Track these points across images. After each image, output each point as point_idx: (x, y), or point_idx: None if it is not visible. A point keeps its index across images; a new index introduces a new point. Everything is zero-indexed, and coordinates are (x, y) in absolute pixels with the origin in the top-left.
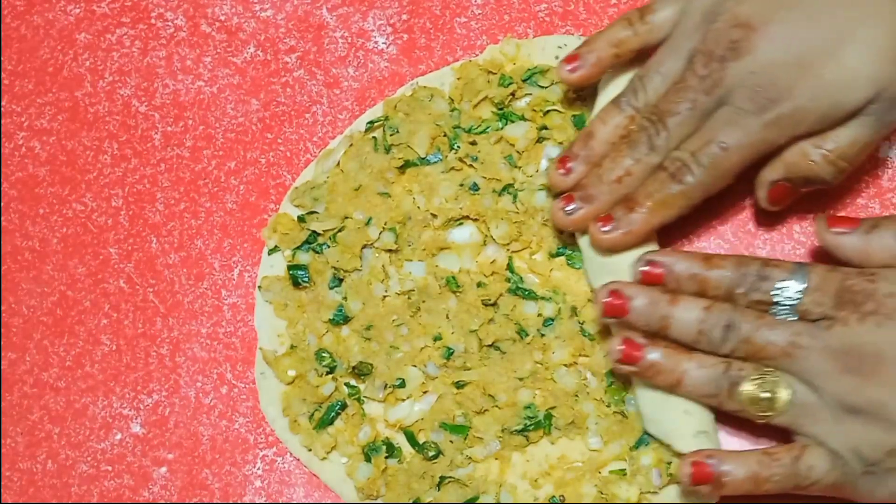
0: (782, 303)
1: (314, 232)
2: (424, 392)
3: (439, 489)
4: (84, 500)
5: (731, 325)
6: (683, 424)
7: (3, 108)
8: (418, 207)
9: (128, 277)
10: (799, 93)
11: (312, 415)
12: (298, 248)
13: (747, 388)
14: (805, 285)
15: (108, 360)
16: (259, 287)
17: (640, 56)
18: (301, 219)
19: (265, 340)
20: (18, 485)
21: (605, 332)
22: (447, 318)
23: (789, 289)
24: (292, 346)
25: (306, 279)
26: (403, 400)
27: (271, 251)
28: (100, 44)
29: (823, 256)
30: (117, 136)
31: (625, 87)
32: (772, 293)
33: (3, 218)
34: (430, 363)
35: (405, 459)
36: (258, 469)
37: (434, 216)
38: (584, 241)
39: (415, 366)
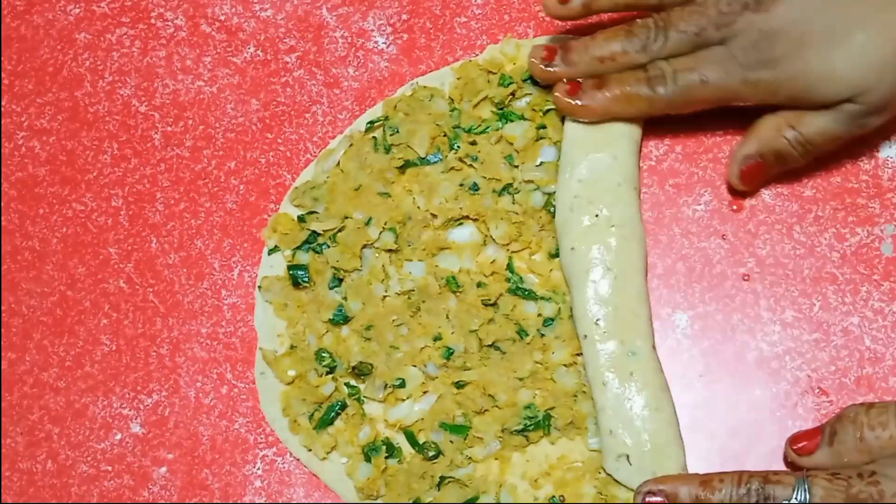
0: None
1: (314, 232)
2: (424, 392)
3: (439, 489)
4: (84, 500)
5: None
6: (608, 445)
7: (3, 108)
8: (418, 207)
9: (128, 277)
10: (783, 67)
11: (312, 415)
12: (298, 248)
13: None
14: (809, 500)
15: (108, 360)
16: (259, 287)
17: None
18: (301, 219)
19: (265, 340)
20: (18, 485)
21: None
22: (447, 318)
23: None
24: (292, 346)
25: (306, 279)
26: (403, 400)
27: (271, 251)
28: (100, 44)
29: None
30: (117, 136)
31: None
32: None
33: (3, 218)
34: (430, 363)
35: (405, 459)
36: (258, 469)
37: (434, 216)
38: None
39: (415, 366)
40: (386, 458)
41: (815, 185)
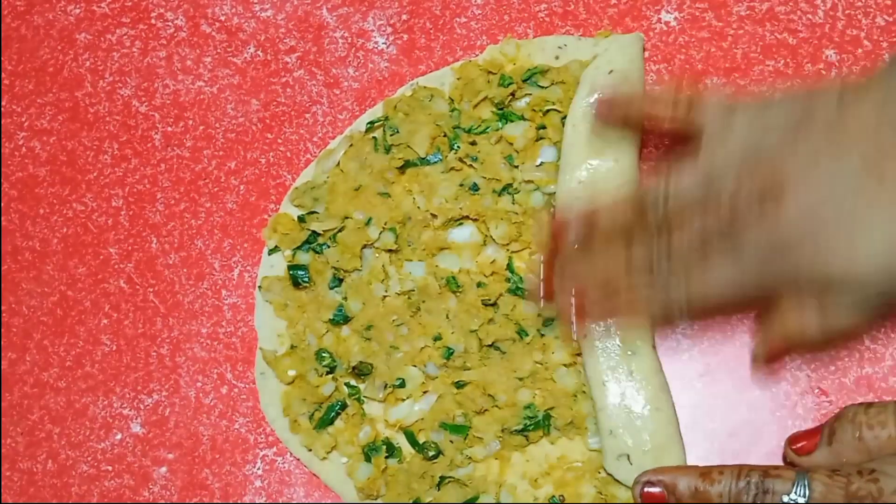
0: None
1: (314, 232)
2: (424, 392)
3: (439, 489)
4: (84, 500)
5: None
6: (608, 445)
7: (3, 108)
8: (418, 207)
9: (128, 277)
10: (803, 264)
11: (312, 415)
12: (298, 248)
13: None
14: (809, 499)
15: (108, 360)
16: (259, 287)
17: None
18: (301, 219)
19: (265, 340)
20: (18, 485)
21: None
22: (447, 318)
23: (796, 500)
24: (292, 346)
25: (306, 279)
26: (403, 400)
27: (271, 251)
28: (100, 44)
29: None
30: (117, 136)
31: (646, 191)
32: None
33: (3, 218)
34: (430, 363)
35: (405, 459)
36: (258, 469)
37: (434, 216)
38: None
39: (415, 366)
40: (386, 458)
41: None
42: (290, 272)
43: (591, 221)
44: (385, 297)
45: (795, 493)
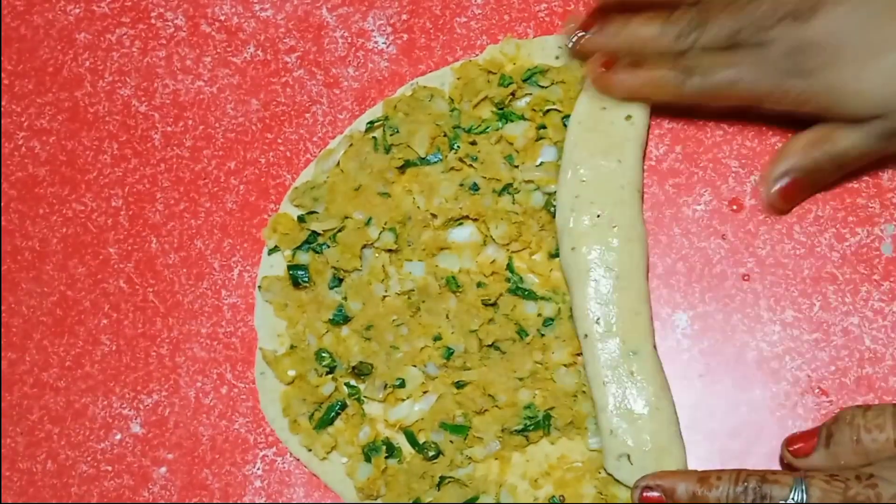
0: None
1: (314, 232)
2: (424, 392)
3: (439, 489)
4: (84, 500)
5: None
6: (609, 445)
7: (3, 108)
8: (418, 207)
9: (128, 277)
10: (816, 79)
11: (312, 415)
12: (298, 248)
13: None
14: (806, 502)
15: (108, 360)
16: (259, 287)
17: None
18: (301, 219)
19: (265, 340)
20: (18, 485)
21: None
22: (447, 318)
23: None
24: (292, 346)
25: (306, 279)
26: (403, 400)
27: (271, 251)
28: (100, 44)
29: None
30: (117, 136)
31: None
32: None
33: (3, 218)
34: (430, 363)
35: (405, 459)
36: (258, 469)
37: (434, 216)
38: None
39: (415, 366)
40: (386, 458)
41: None
42: (290, 272)
43: None
44: (385, 297)
45: (793, 497)
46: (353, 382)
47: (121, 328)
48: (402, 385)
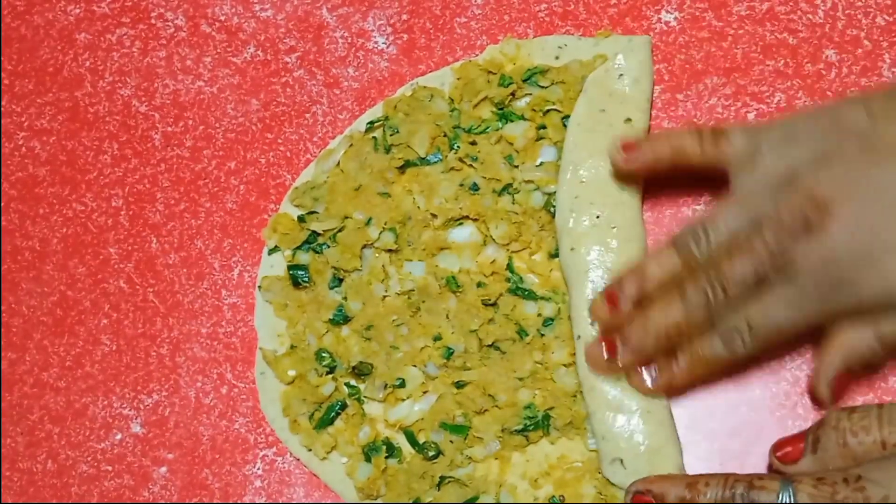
0: None
1: (314, 232)
2: (424, 392)
3: (439, 489)
4: (84, 500)
5: None
6: (602, 449)
7: (3, 108)
8: (418, 207)
9: (128, 277)
10: (863, 286)
11: (312, 415)
12: (298, 248)
13: None
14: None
15: (108, 360)
16: (259, 287)
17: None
18: (301, 219)
19: (265, 340)
20: (18, 485)
21: None
22: (447, 318)
23: None
24: (292, 346)
25: (306, 279)
26: (403, 400)
27: (271, 251)
28: (100, 44)
29: None
30: (117, 136)
31: (684, 229)
32: None
33: (3, 218)
34: (430, 363)
35: (405, 459)
36: (258, 469)
37: (434, 216)
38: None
39: (415, 366)
40: (386, 458)
41: None
42: (290, 272)
43: (639, 276)
44: (385, 297)
45: (781, 500)
46: (353, 382)
47: (121, 328)
48: (402, 385)
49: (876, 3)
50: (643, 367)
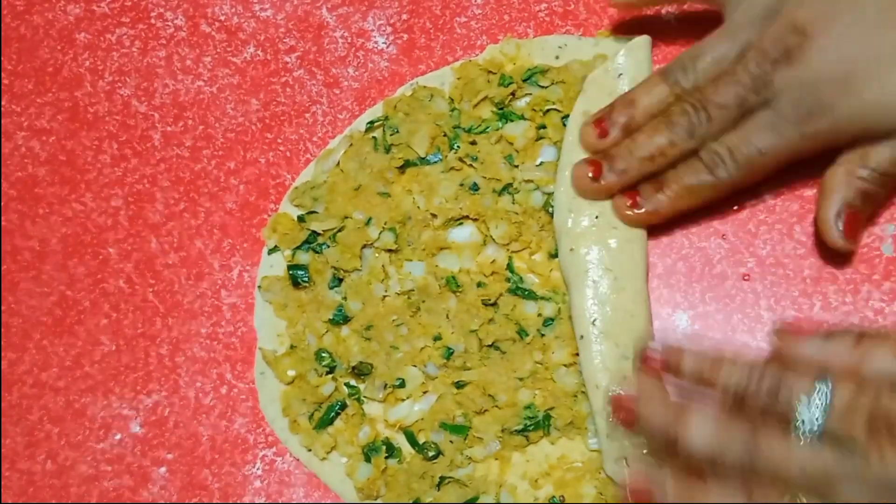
0: (807, 421)
1: (314, 232)
2: (424, 392)
3: (439, 489)
4: (84, 500)
5: (750, 449)
6: (606, 448)
7: (3, 108)
8: (418, 207)
9: (127, 277)
10: (839, 110)
11: (312, 415)
12: (298, 248)
13: None
14: (829, 404)
15: (108, 361)
16: (259, 287)
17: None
18: (301, 219)
19: (265, 340)
20: (18, 485)
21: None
22: (447, 318)
23: (814, 408)
24: (292, 346)
25: (306, 279)
26: (403, 400)
27: (271, 251)
28: (100, 44)
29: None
30: (117, 136)
31: (673, 62)
32: (796, 406)
33: (3, 218)
34: (430, 363)
35: (405, 459)
36: (258, 469)
37: (434, 216)
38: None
39: (415, 366)
40: (386, 458)
41: (815, 184)
42: (290, 272)
43: (628, 104)
44: (385, 297)
45: (817, 393)
46: (353, 382)
47: (121, 328)
48: (402, 385)
49: None
50: (629, 201)
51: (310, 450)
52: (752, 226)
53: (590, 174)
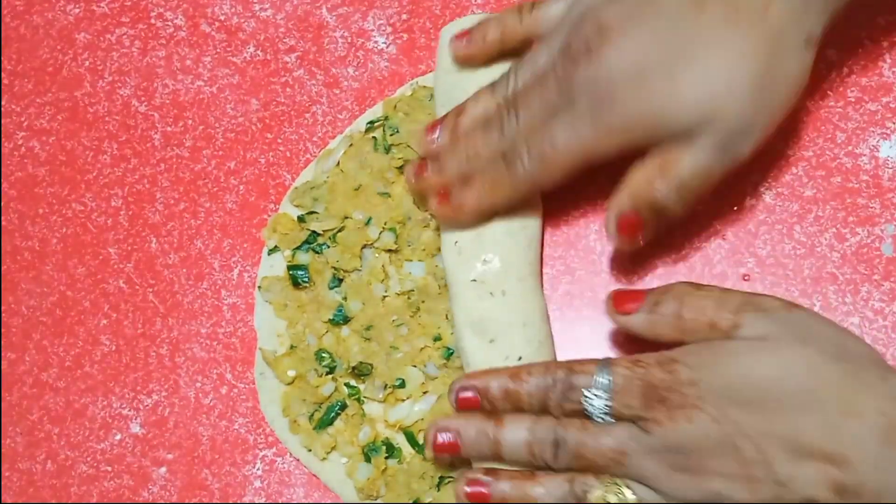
0: (594, 412)
1: (314, 232)
2: (424, 392)
3: (439, 489)
4: (84, 500)
5: (558, 441)
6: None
7: (3, 108)
8: (418, 207)
9: (127, 277)
10: (631, 105)
11: (312, 415)
12: (298, 248)
13: (595, 496)
14: (609, 390)
15: (108, 360)
16: (259, 287)
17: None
18: (301, 219)
19: (265, 340)
20: (18, 485)
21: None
22: (447, 318)
23: (597, 398)
24: (292, 347)
25: (306, 279)
26: (403, 400)
27: (271, 251)
28: (100, 44)
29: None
30: (117, 136)
31: (501, 75)
32: (582, 401)
33: (3, 218)
34: (430, 363)
35: (405, 459)
36: (258, 469)
37: (434, 216)
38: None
39: (415, 366)
40: (386, 458)
41: (815, 185)
42: (290, 272)
43: (457, 112)
44: (385, 297)
45: (596, 381)
46: (353, 382)
47: (121, 328)
48: (402, 385)
49: (876, 2)
50: (438, 197)
51: (310, 450)
52: (752, 226)
53: (414, 170)
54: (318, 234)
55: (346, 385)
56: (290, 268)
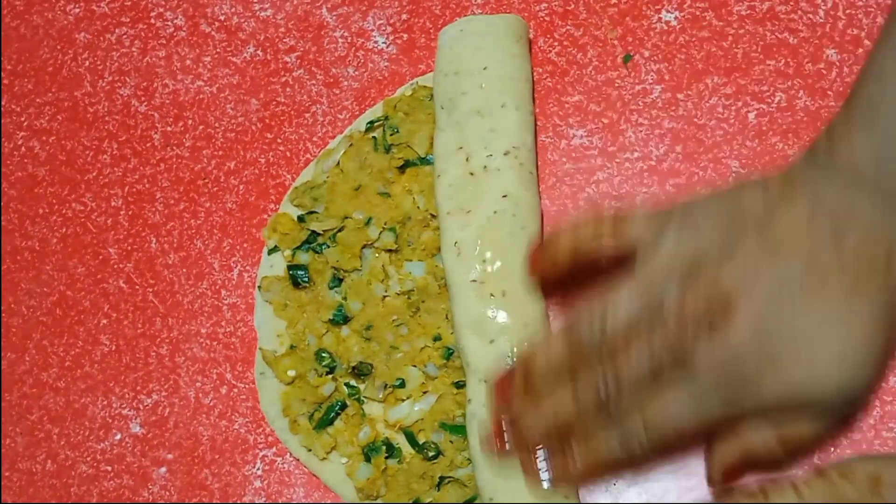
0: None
1: (314, 232)
2: (424, 392)
3: (439, 489)
4: (84, 500)
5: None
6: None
7: (3, 108)
8: (418, 207)
9: (127, 277)
10: (766, 387)
11: (312, 415)
12: (298, 248)
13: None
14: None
15: (108, 360)
16: (259, 287)
17: None
18: (301, 219)
19: (265, 340)
20: (18, 485)
21: None
22: (447, 318)
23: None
24: (292, 346)
25: (306, 279)
26: (403, 400)
27: (271, 251)
28: (99, 44)
29: None
30: (117, 136)
31: (581, 313)
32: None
33: (3, 218)
34: (430, 363)
35: (405, 459)
36: (258, 469)
37: (434, 216)
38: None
39: (415, 366)
40: (386, 458)
41: None
42: (290, 272)
43: (528, 366)
44: (385, 297)
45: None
46: (353, 382)
47: (121, 328)
48: (402, 385)
49: (876, 2)
50: (537, 476)
51: (310, 450)
52: None
53: (494, 446)
54: (318, 234)
55: (346, 385)
56: (289, 268)
